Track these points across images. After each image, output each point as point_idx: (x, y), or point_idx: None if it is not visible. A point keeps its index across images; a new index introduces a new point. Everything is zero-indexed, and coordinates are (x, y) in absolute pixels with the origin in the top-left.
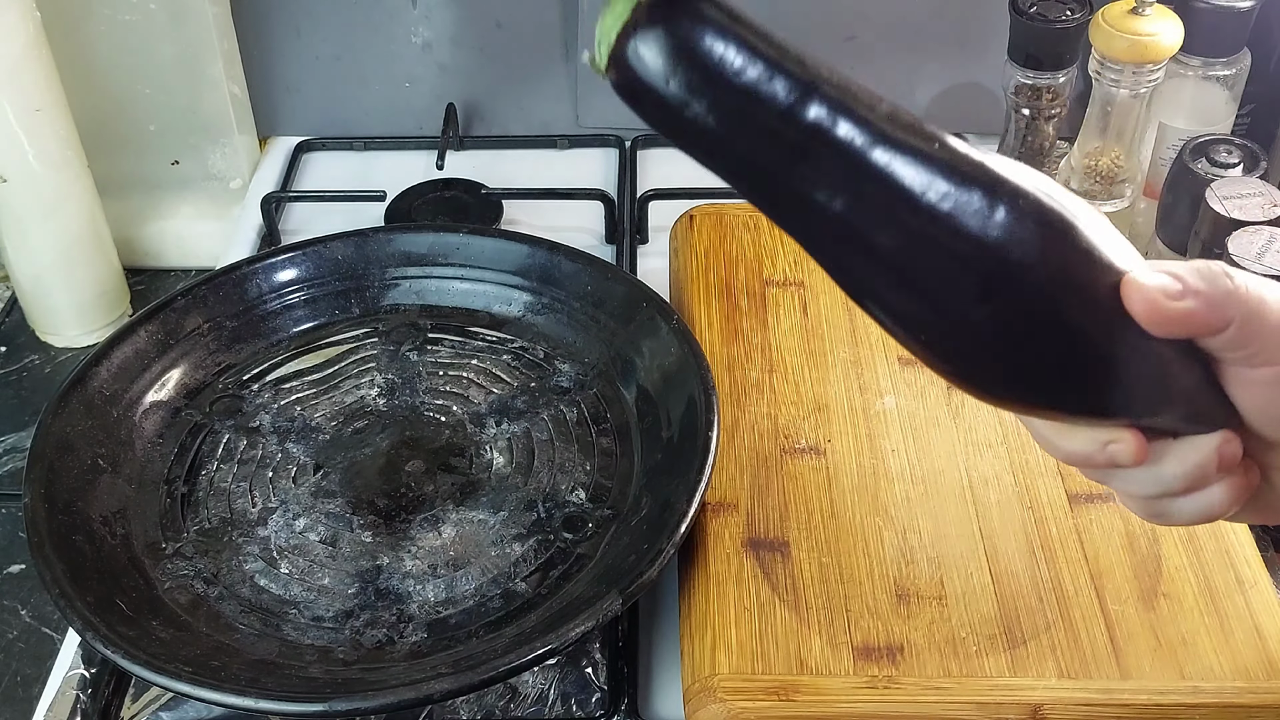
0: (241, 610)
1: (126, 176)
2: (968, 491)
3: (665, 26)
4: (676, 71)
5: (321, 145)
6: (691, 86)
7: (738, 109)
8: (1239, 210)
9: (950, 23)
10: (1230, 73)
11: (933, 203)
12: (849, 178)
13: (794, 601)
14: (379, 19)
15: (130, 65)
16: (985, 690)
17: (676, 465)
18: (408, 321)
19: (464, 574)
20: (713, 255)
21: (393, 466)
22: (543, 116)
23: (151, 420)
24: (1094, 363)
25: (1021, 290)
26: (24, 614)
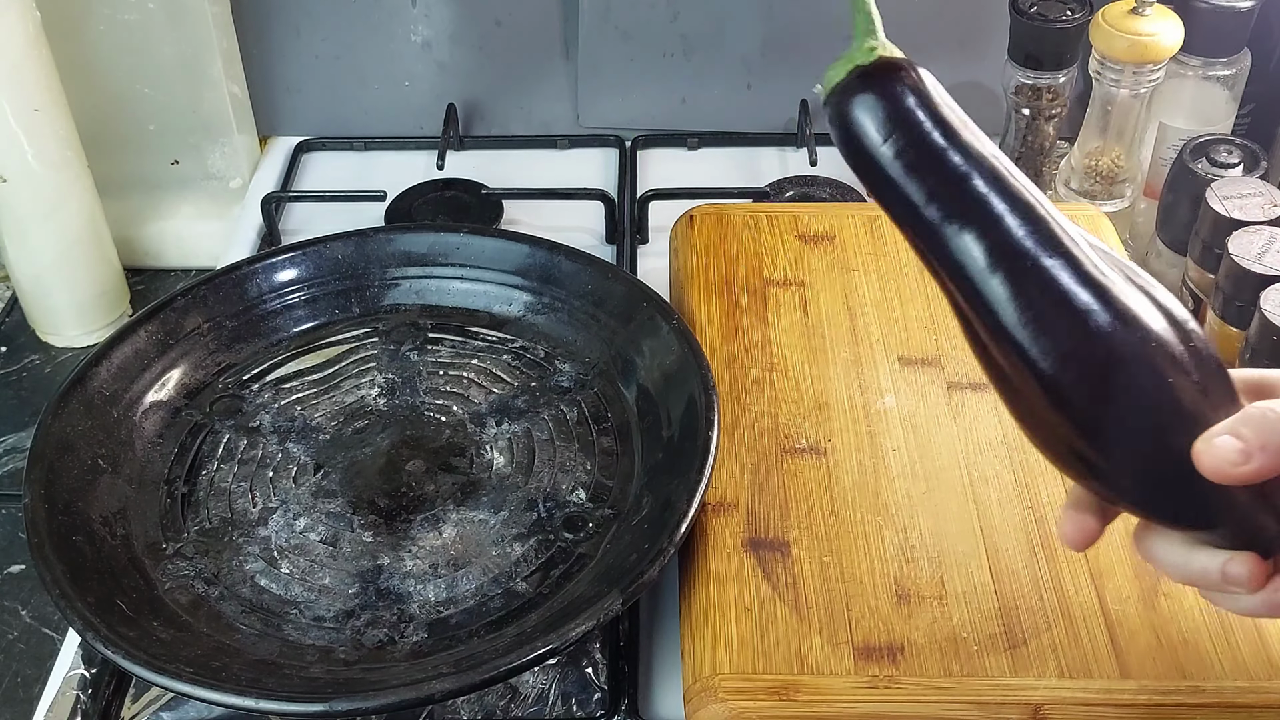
0: (242, 610)
1: (126, 176)
2: (968, 490)
3: (865, 93)
4: (866, 131)
5: (321, 145)
6: (875, 145)
7: (909, 171)
8: (1239, 210)
9: (950, 23)
10: (1230, 73)
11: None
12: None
13: (794, 601)
14: (379, 18)
15: (130, 65)
16: (986, 690)
17: (677, 464)
18: (408, 321)
19: (465, 574)
20: (713, 255)
21: (393, 466)
22: (543, 116)
23: (151, 420)
24: (1165, 478)
25: None
26: (24, 614)
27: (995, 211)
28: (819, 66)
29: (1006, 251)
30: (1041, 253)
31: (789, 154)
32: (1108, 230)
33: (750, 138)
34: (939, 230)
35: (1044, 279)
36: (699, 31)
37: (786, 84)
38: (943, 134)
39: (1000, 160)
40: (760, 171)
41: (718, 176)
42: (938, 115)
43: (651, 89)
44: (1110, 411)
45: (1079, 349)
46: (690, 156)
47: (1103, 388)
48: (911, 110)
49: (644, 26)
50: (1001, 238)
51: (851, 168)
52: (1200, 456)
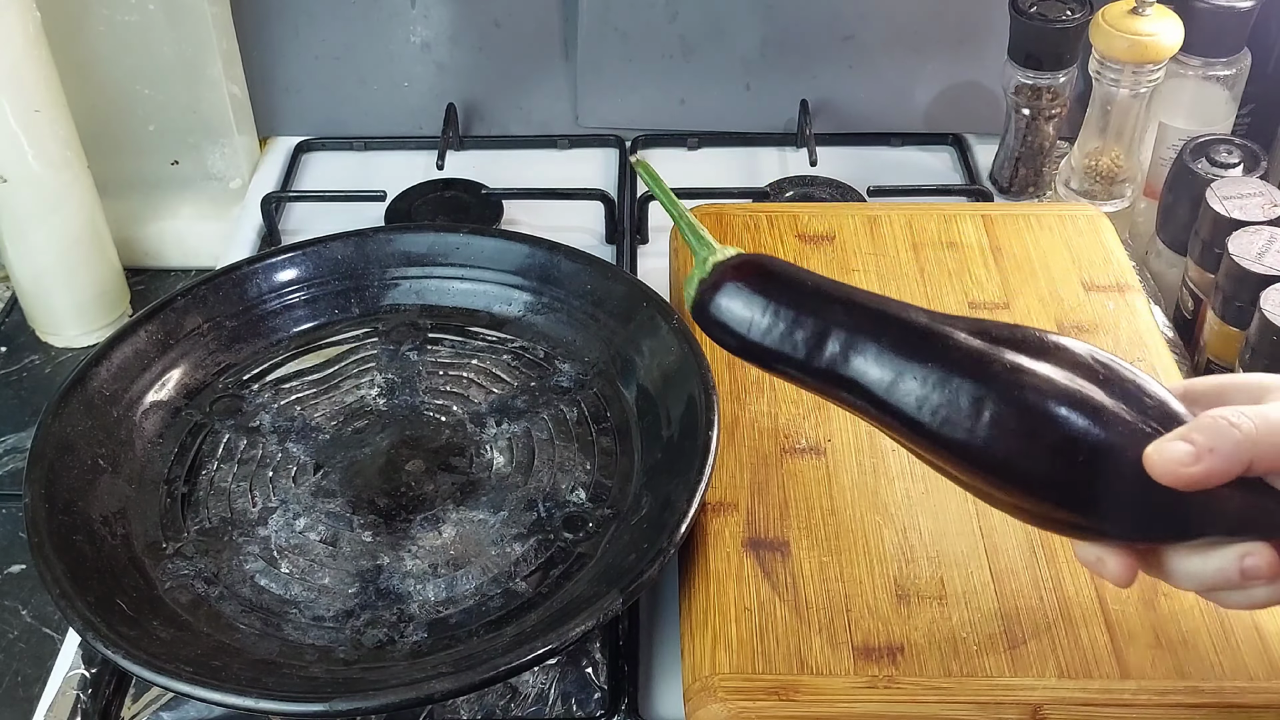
0: (242, 610)
1: (126, 176)
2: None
3: (714, 291)
4: (726, 327)
5: (321, 145)
6: (732, 340)
7: (768, 353)
8: (1239, 210)
9: (950, 23)
10: (1230, 73)
11: (923, 420)
12: (866, 401)
13: (794, 601)
14: (378, 19)
15: (130, 65)
16: (985, 690)
17: (677, 464)
18: (408, 321)
19: (464, 573)
20: None
21: (393, 466)
22: (543, 116)
23: (151, 420)
24: (1122, 508)
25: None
26: (24, 614)
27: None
28: (819, 66)
29: (909, 359)
30: (950, 359)
31: (789, 154)
32: (1108, 230)
33: (750, 138)
34: (835, 368)
35: (939, 374)
36: (698, 32)
37: (786, 84)
38: (811, 284)
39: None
40: (760, 171)
41: (718, 176)
42: (796, 278)
43: (651, 89)
44: (1072, 479)
45: (996, 426)
46: (690, 156)
47: (1049, 467)
48: (776, 281)
49: (643, 27)
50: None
51: (737, 353)
52: (1151, 462)
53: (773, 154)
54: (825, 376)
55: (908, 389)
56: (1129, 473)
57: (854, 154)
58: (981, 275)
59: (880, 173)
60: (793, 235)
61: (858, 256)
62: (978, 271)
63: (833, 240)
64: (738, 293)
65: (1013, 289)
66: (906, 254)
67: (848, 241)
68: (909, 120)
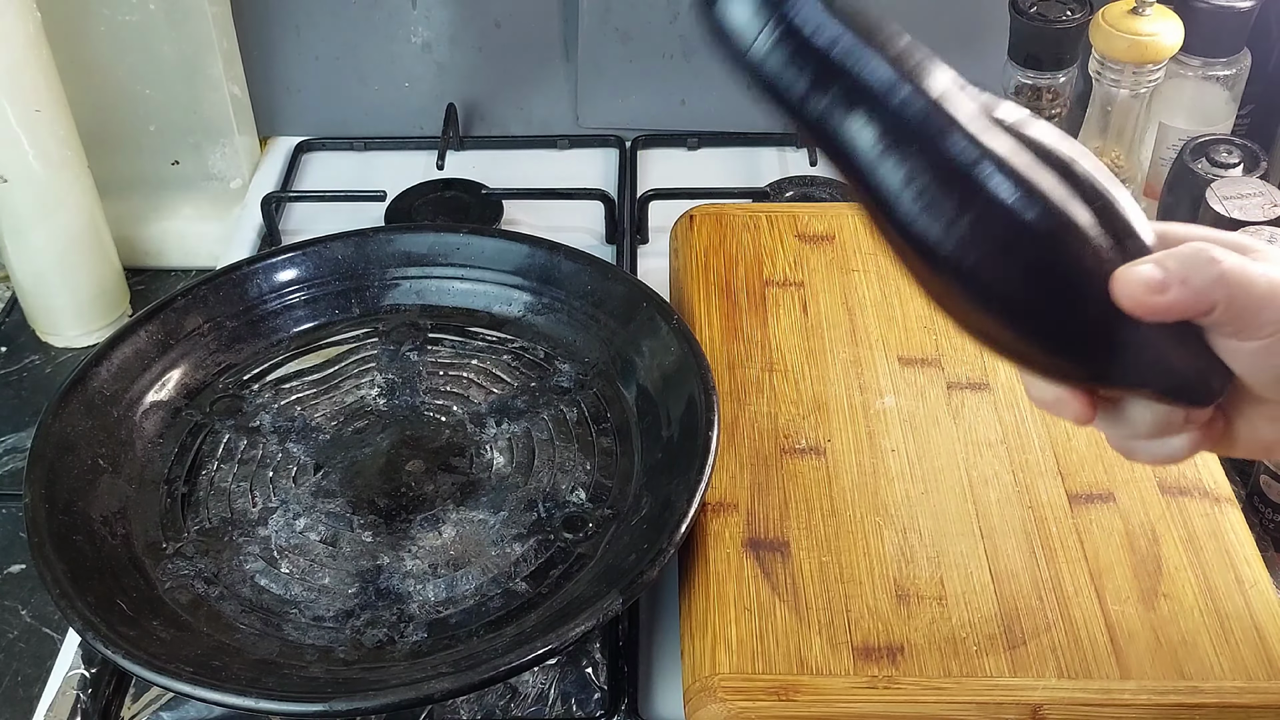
0: (242, 610)
1: (126, 176)
2: (968, 491)
3: None
4: (724, 36)
5: (321, 145)
6: (727, 56)
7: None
8: (1239, 210)
9: (950, 23)
10: (1230, 73)
11: (899, 206)
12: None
13: (794, 601)
14: (379, 19)
15: (130, 65)
16: (985, 690)
17: (677, 465)
18: (408, 321)
19: (464, 574)
20: (713, 255)
21: (393, 466)
22: (543, 116)
23: (152, 420)
24: (1078, 339)
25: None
26: (24, 614)
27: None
28: None
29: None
30: (925, 134)
31: (789, 154)
32: None
33: (750, 138)
34: (828, 119)
35: (929, 160)
36: (699, 31)
37: None
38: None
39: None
40: (760, 171)
41: (718, 176)
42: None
43: (651, 89)
44: (1025, 288)
45: (975, 230)
46: (690, 156)
47: (1007, 266)
48: None
49: (644, 27)
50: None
51: (734, 69)
52: (1117, 282)
53: (773, 154)
54: (816, 130)
55: (890, 169)
56: (1098, 303)
57: None
58: None
59: None
60: (793, 235)
61: (858, 256)
62: None
63: (833, 240)
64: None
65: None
66: None
67: (847, 241)
68: None
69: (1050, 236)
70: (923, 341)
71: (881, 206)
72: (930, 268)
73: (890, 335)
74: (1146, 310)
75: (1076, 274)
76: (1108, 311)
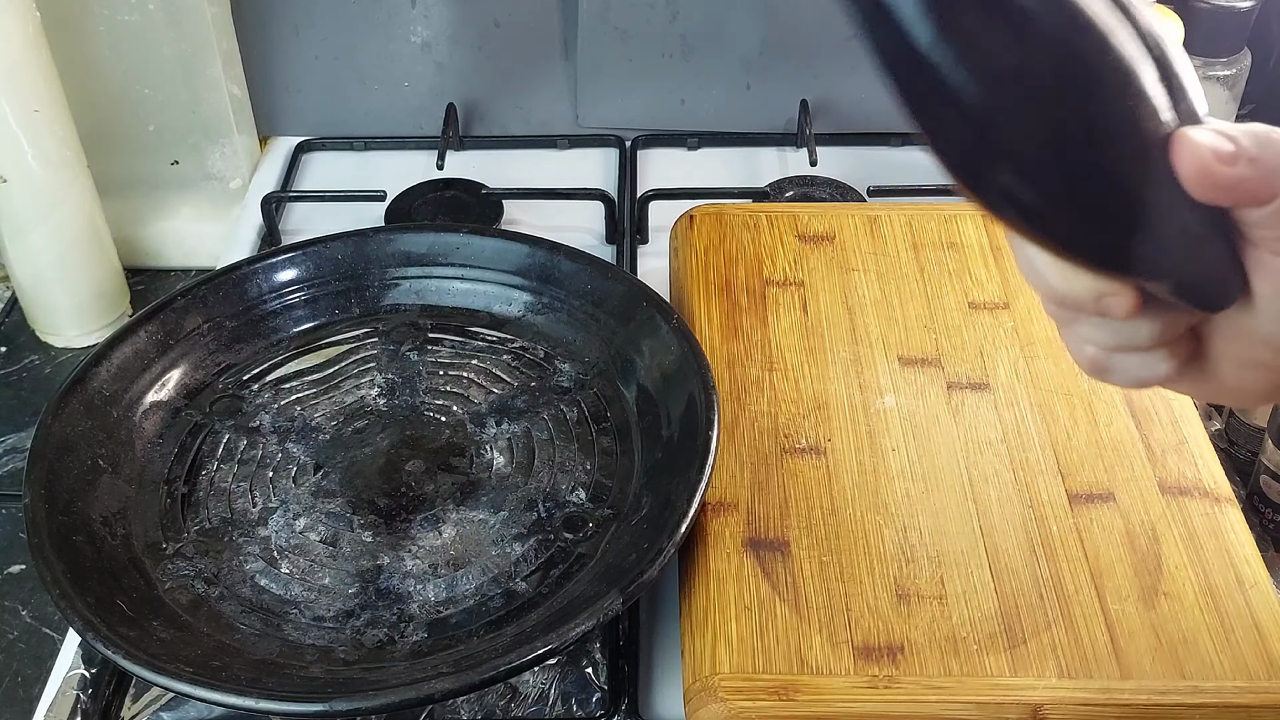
0: (242, 610)
1: (126, 176)
2: (968, 490)
3: None
4: None
5: (321, 145)
6: None
7: None
8: None
9: None
10: (1230, 73)
11: None
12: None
13: (794, 600)
14: (378, 19)
15: (130, 65)
16: (985, 690)
17: (677, 464)
18: (408, 321)
19: (464, 574)
20: (713, 254)
21: (393, 466)
22: (543, 116)
23: (151, 420)
24: (1122, 214)
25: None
26: (24, 614)
27: None
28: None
29: None
30: None
31: (789, 154)
32: None
33: (750, 138)
34: None
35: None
36: (699, 31)
37: (786, 84)
38: None
39: None
40: (760, 171)
41: (718, 176)
42: None
43: (651, 89)
44: (1071, 136)
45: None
46: (690, 156)
47: (1054, 105)
48: None
49: (643, 26)
50: None
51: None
52: (1182, 145)
53: (773, 154)
54: None
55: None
56: (1150, 169)
57: (854, 154)
58: (982, 275)
59: (880, 173)
60: (793, 235)
61: (858, 256)
62: (978, 271)
63: (833, 240)
64: None
65: (1013, 289)
66: (907, 254)
67: (848, 241)
68: None
69: (1104, 76)
70: (923, 341)
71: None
72: (970, 110)
73: (890, 335)
74: (1207, 183)
75: (1129, 127)
76: (1159, 181)
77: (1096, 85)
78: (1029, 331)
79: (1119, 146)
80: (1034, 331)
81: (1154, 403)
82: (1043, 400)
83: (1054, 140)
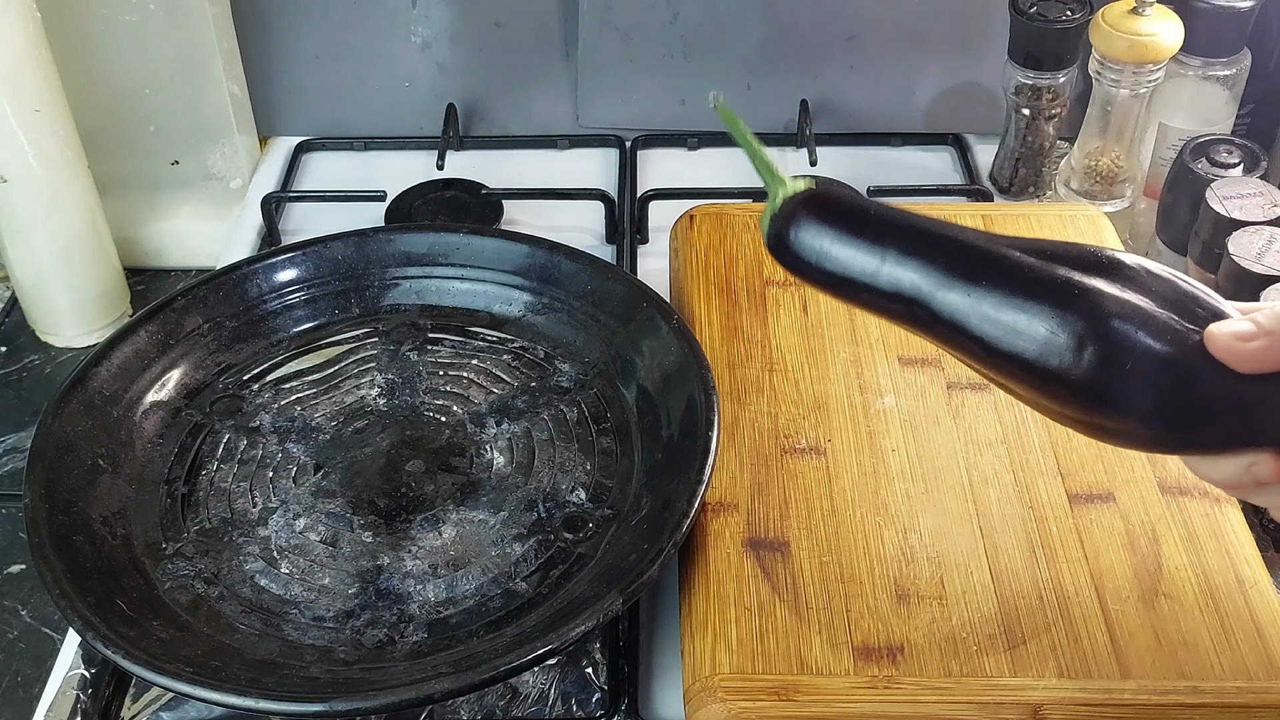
0: (242, 610)
1: (126, 176)
2: (968, 490)
3: (786, 225)
4: (798, 255)
5: (321, 145)
6: (807, 271)
7: (839, 280)
8: (1239, 210)
9: (950, 23)
10: (1230, 73)
11: (995, 342)
12: (931, 319)
13: (794, 601)
14: (379, 19)
15: (130, 65)
16: (985, 690)
17: (677, 464)
18: (408, 321)
19: (464, 574)
20: (713, 254)
21: (393, 466)
22: (543, 116)
23: (151, 420)
24: (1218, 407)
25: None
26: (24, 614)
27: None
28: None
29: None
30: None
31: (789, 154)
32: (1108, 230)
33: None
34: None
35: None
36: (699, 32)
37: (786, 84)
38: (876, 211)
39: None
40: None
41: (718, 176)
42: (864, 206)
43: (651, 89)
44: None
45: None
46: (690, 156)
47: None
48: (849, 208)
49: (644, 27)
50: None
51: (814, 280)
52: (1210, 339)
53: (773, 154)
54: (895, 301)
55: (983, 316)
56: (1209, 373)
57: (854, 154)
58: None
59: (880, 173)
60: None
61: None
62: None
63: None
64: (806, 226)
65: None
66: None
67: None
68: (909, 120)
69: (1168, 355)
70: (923, 341)
71: (989, 352)
72: (1065, 398)
73: (890, 335)
74: (1241, 358)
75: (1189, 360)
76: (1218, 374)
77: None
78: None
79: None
80: None
81: None
82: None
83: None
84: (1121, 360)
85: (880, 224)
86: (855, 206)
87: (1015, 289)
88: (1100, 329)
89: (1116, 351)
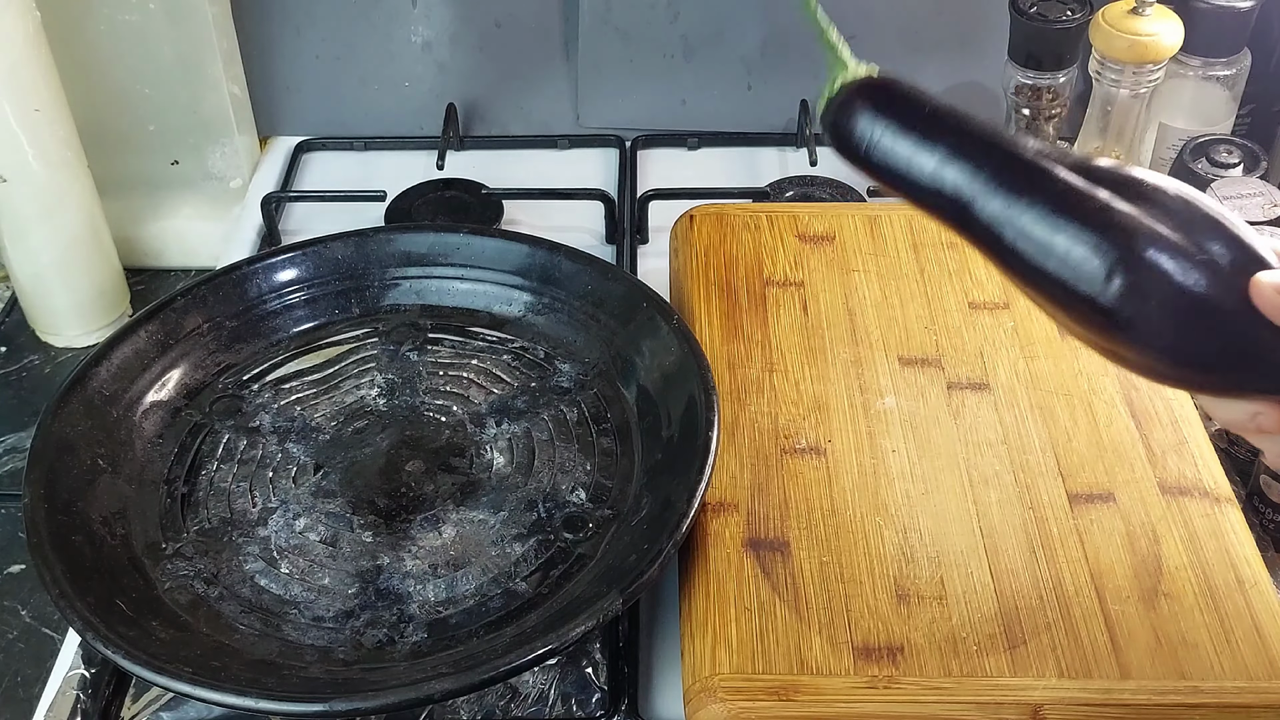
0: (242, 610)
1: (126, 176)
2: (968, 491)
3: (840, 111)
4: (848, 141)
5: (321, 145)
6: (851, 153)
7: (884, 170)
8: (1239, 210)
9: (950, 23)
10: (1230, 73)
11: (1029, 257)
12: (969, 222)
13: (794, 601)
14: (379, 19)
15: (130, 65)
16: (985, 690)
17: (677, 465)
18: (408, 321)
19: (464, 574)
20: (713, 255)
21: (393, 466)
22: (543, 116)
23: (151, 420)
24: (1241, 354)
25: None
26: (24, 614)
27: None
28: (819, 67)
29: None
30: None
31: (789, 154)
32: None
33: (750, 138)
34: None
35: (1059, 213)
36: (699, 32)
37: (786, 84)
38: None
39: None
40: (760, 171)
41: (718, 176)
42: (919, 101)
43: (651, 89)
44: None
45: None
46: (690, 156)
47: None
48: (895, 105)
49: (644, 27)
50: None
51: (861, 166)
52: (1259, 285)
53: (773, 154)
54: (938, 198)
55: (1019, 230)
56: (1245, 318)
57: None
58: (982, 275)
59: None
60: (793, 235)
61: (858, 256)
62: (978, 271)
63: (833, 240)
64: (858, 114)
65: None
66: (907, 254)
67: (848, 241)
68: None
69: (1203, 296)
70: (923, 341)
71: (1026, 270)
72: (1086, 320)
73: (890, 335)
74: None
75: (1221, 303)
76: (1251, 324)
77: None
78: (1029, 332)
79: (1221, 314)
80: (1034, 332)
81: (1154, 403)
82: (1043, 401)
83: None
84: (1150, 294)
85: (932, 121)
86: (910, 100)
87: (1056, 208)
88: (1133, 260)
89: (1146, 284)
